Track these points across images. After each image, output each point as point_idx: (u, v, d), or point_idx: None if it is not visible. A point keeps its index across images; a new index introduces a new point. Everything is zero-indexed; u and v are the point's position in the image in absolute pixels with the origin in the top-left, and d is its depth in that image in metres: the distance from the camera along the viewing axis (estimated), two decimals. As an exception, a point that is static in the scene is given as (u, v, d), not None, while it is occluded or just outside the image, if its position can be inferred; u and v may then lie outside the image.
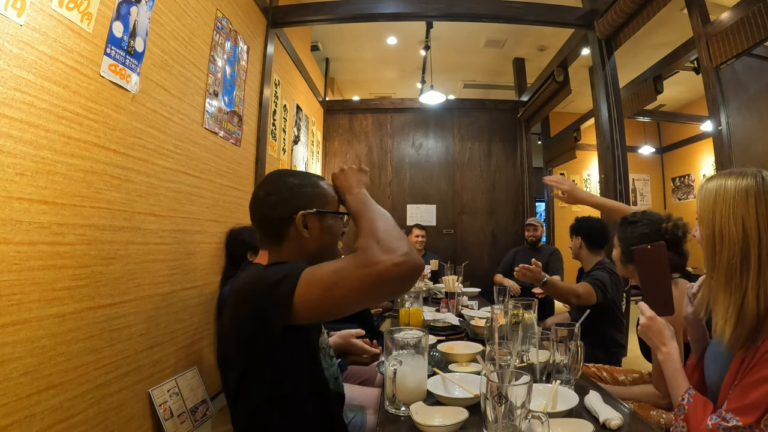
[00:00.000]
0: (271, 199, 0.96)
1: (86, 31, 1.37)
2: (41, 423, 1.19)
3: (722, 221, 0.85)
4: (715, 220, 0.87)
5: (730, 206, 0.85)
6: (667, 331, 1.00)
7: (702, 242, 0.91)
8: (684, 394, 0.91)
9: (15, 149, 1.13)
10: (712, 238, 0.87)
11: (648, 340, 1.03)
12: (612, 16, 2.86)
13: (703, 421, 0.83)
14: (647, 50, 4.56)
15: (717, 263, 0.86)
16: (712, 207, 0.88)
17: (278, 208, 0.96)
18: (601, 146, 3.13)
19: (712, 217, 0.88)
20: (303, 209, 0.95)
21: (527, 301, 1.36)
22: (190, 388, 1.94)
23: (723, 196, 0.86)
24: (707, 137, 6.06)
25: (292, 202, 0.95)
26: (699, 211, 0.92)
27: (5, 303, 1.10)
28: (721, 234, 0.86)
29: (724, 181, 0.88)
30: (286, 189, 0.97)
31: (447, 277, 2.44)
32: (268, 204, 0.97)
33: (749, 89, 2.31)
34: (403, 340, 1.03)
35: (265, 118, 2.98)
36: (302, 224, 0.94)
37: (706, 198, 0.90)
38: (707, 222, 0.89)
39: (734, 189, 0.86)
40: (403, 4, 3.22)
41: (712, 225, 0.87)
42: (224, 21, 2.37)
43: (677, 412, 0.91)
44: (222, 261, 2.38)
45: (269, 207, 0.96)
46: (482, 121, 5.08)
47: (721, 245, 0.85)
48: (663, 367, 0.99)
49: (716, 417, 0.81)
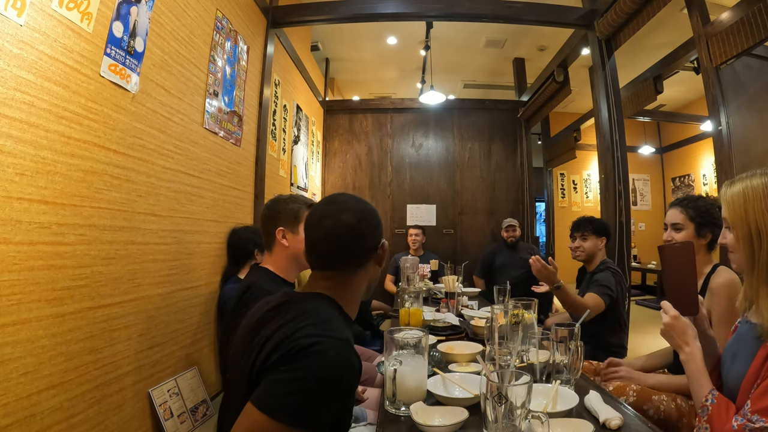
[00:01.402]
0: (362, 227, 0.89)
1: (86, 31, 1.37)
2: (41, 423, 1.19)
3: (757, 217, 0.88)
4: (749, 219, 0.89)
5: (762, 202, 0.88)
6: (691, 330, 0.98)
7: (738, 244, 0.93)
8: (708, 395, 0.90)
9: (15, 149, 1.13)
10: (749, 237, 0.90)
11: (670, 339, 1.01)
12: (612, 16, 2.85)
13: (727, 423, 0.82)
14: (647, 50, 4.56)
15: (757, 260, 0.89)
16: (744, 207, 0.90)
17: (369, 237, 0.91)
18: (601, 146, 3.13)
19: (745, 217, 0.90)
20: (382, 237, 0.94)
21: (527, 301, 1.36)
22: (190, 388, 1.94)
23: (753, 195, 0.89)
24: (707, 137, 6.06)
25: (378, 230, 0.93)
26: (730, 215, 0.94)
27: (5, 303, 1.10)
28: (758, 230, 0.88)
29: (749, 181, 0.91)
30: (373, 217, 0.93)
31: (447, 277, 2.44)
32: (359, 232, 0.89)
33: (749, 89, 2.31)
34: (403, 340, 1.03)
35: (265, 118, 2.98)
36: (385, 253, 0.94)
37: (735, 200, 0.93)
38: (741, 222, 0.91)
39: (763, 186, 0.89)
40: (403, 4, 3.21)
41: (747, 224, 0.90)
42: (224, 21, 2.37)
43: (700, 413, 0.90)
44: (222, 261, 2.38)
45: (361, 235, 0.90)
46: (482, 121, 5.08)
47: (759, 241, 0.88)
48: (685, 367, 0.98)
49: (741, 418, 0.80)
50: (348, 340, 0.78)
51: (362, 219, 0.90)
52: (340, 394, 0.74)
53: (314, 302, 0.86)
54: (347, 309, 0.91)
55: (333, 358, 0.73)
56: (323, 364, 0.72)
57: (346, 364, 0.74)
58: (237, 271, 2.35)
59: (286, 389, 0.71)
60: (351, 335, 0.84)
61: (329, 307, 0.86)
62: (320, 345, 0.73)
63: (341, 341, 0.76)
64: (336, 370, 0.73)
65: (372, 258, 0.93)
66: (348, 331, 0.83)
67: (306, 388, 0.70)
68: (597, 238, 2.26)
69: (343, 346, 0.76)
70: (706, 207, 1.49)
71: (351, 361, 0.75)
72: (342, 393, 0.74)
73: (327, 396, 0.72)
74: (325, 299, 0.88)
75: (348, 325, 0.89)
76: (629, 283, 2.89)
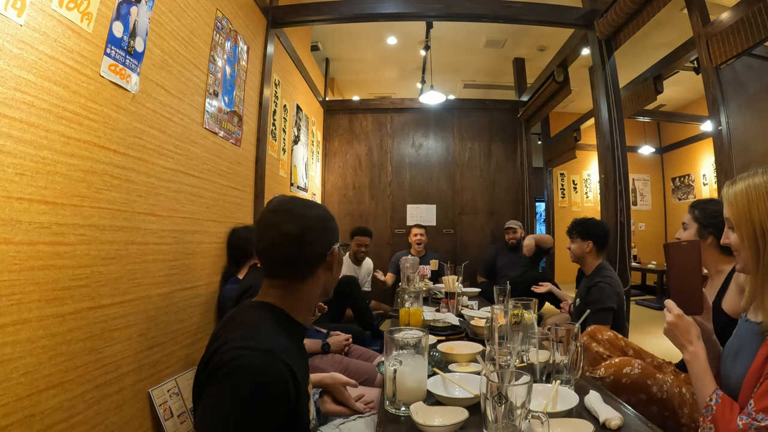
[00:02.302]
0: (307, 236, 0.87)
1: (86, 31, 1.37)
2: (41, 423, 1.19)
3: (761, 216, 0.88)
4: (753, 218, 0.89)
5: (765, 200, 0.88)
6: (694, 329, 0.98)
7: (743, 243, 0.93)
8: (712, 395, 0.90)
9: (15, 149, 1.13)
10: (754, 236, 0.89)
11: (674, 338, 1.01)
12: (612, 16, 2.85)
13: (732, 422, 0.82)
14: (647, 50, 4.56)
15: (762, 258, 0.88)
16: (748, 206, 0.90)
17: (315, 246, 0.89)
18: (601, 146, 3.13)
19: (749, 216, 0.90)
20: (333, 244, 0.91)
21: (527, 301, 1.35)
22: (190, 388, 1.94)
23: (756, 194, 0.89)
24: (707, 137, 6.07)
25: (327, 237, 0.91)
26: (733, 215, 0.94)
27: (5, 303, 1.10)
28: (762, 229, 0.88)
29: (751, 180, 0.91)
30: (321, 224, 0.91)
31: (447, 277, 2.44)
32: (303, 242, 0.87)
33: (749, 89, 2.31)
34: (403, 340, 1.03)
35: (265, 118, 2.98)
36: (335, 260, 0.92)
37: (739, 199, 0.92)
38: (746, 221, 0.91)
39: (765, 184, 0.89)
40: (403, 4, 3.21)
41: (751, 223, 0.90)
42: (224, 21, 2.37)
43: (704, 413, 0.90)
44: (222, 261, 2.38)
45: (304, 245, 0.88)
46: (482, 121, 5.08)
47: (764, 239, 0.88)
48: (689, 366, 0.97)
49: (746, 417, 0.80)
50: (271, 351, 0.75)
51: (307, 228, 0.87)
52: (273, 406, 0.72)
53: (251, 312, 0.87)
54: (297, 316, 0.90)
55: (254, 373, 0.72)
56: (245, 381, 0.71)
57: (270, 374, 0.72)
58: (237, 271, 2.35)
59: (217, 411, 0.70)
60: (286, 344, 0.80)
61: (265, 318, 0.85)
62: (240, 359, 0.72)
63: (263, 352, 0.74)
64: (258, 383, 0.71)
65: (321, 266, 0.91)
66: (282, 340, 0.80)
67: (234, 405, 0.69)
68: (582, 241, 2.24)
69: (265, 357, 0.73)
70: (713, 210, 1.51)
71: (275, 370, 0.73)
72: (276, 403, 0.72)
73: (259, 410, 0.70)
74: (267, 308, 0.87)
75: (290, 333, 0.86)
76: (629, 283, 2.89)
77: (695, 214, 1.56)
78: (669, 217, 7.55)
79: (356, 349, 2.14)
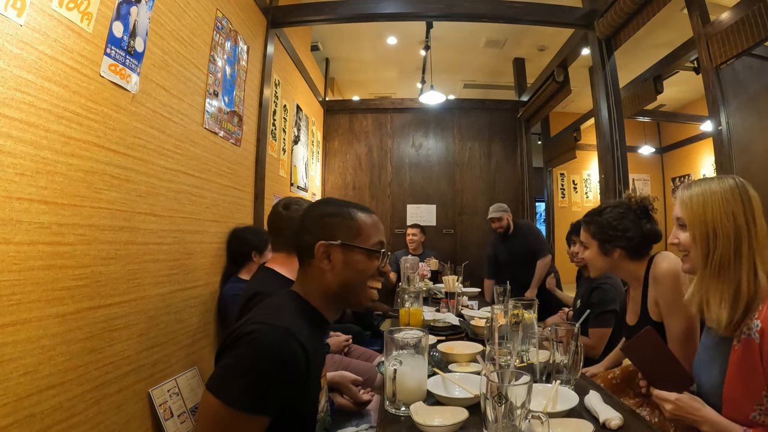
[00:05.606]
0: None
1: (86, 31, 1.36)
2: (41, 423, 1.19)
3: (715, 219, 0.94)
4: (707, 219, 0.95)
5: (721, 204, 0.94)
6: (695, 402, 0.94)
7: (694, 243, 0.98)
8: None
9: (15, 149, 1.13)
10: (706, 237, 0.95)
11: (683, 421, 0.97)
12: (612, 16, 2.85)
13: None
14: (647, 50, 4.56)
15: (711, 259, 0.94)
16: (703, 209, 0.96)
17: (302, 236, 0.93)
18: (601, 146, 3.13)
19: (704, 218, 0.95)
20: (325, 239, 0.90)
21: (527, 301, 1.36)
22: (190, 388, 1.94)
23: (712, 198, 0.95)
24: (707, 137, 6.06)
25: (313, 231, 0.91)
26: (687, 215, 0.99)
27: (5, 303, 1.10)
28: (714, 231, 0.94)
29: (707, 186, 0.97)
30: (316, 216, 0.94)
31: (447, 277, 2.44)
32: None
33: (749, 89, 2.30)
34: (403, 340, 1.03)
35: (265, 118, 2.98)
36: (324, 256, 0.90)
37: (695, 201, 0.98)
38: (699, 223, 0.96)
39: (721, 189, 0.95)
40: (403, 4, 3.21)
41: (705, 224, 0.95)
42: (224, 21, 2.37)
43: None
44: (222, 261, 2.38)
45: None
46: (482, 121, 5.08)
47: (716, 241, 0.93)
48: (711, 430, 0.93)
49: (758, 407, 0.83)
50: (288, 329, 0.79)
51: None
52: (282, 378, 0.76)
53: (281, 298, 0.92)
54: (318, 306, 0.92)
55: (268, 344, 0.76)
56: (258, 349, 0.76)
57: (284, 349, 0.77)
58: (237, 271, 2.35)
59: (230, 373, 0.75)
60: (303, 327, 0.84)
61: (289, 303, 0.90)
62: (257, 333, 0.77)
63: (279, 329, 0.79)
64: (272, 354, 0.76)
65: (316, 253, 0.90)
66: (298, 322, 0.84)
67: (245, 372, 0.74)
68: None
69: (281, 333, 0.78)
70: (609, 221, 1.43)
71: (289, 347, 0.78)
72: (284, 377, 0.76)
73: (267, 381, 0.75)
74: (294, 296, 0.93)
75: (312, 321, 0.89)
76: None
77: (592, 231, 1.48)
78: (669, 217, 7.54)
79: (356, 349, 2.14)
